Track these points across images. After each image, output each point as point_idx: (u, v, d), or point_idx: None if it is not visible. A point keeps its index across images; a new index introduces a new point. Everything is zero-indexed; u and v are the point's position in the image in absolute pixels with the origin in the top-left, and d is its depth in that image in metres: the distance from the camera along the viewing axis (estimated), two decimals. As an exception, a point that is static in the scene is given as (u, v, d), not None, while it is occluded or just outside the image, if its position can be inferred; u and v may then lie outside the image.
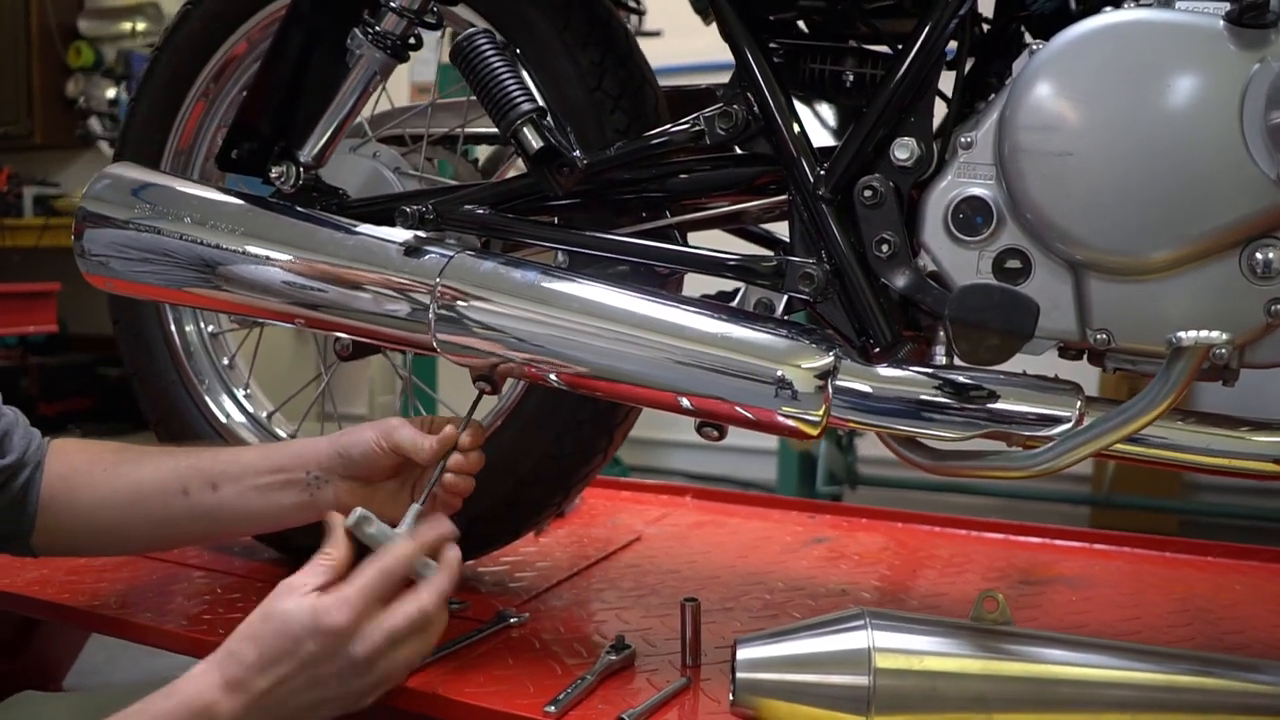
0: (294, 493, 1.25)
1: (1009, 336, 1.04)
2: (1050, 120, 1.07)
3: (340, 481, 1.25)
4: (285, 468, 1.25)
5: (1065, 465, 1.08)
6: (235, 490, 1.26)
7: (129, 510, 1.28)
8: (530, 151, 1.21)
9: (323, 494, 1.25)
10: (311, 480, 1.24)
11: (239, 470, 1.26)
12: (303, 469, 1.25)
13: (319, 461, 1.25)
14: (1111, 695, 1.00)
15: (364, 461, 1.23)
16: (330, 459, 1.24)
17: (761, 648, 1.02)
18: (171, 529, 1.30)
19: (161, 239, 1.31)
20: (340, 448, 1.24)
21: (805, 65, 1.26)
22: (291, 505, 1.25)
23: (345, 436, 1.25)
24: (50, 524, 1.30)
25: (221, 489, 1.26)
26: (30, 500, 1.28)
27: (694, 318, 1.15)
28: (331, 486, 1.24)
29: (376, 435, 1.23)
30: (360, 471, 1.24)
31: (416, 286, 1.21)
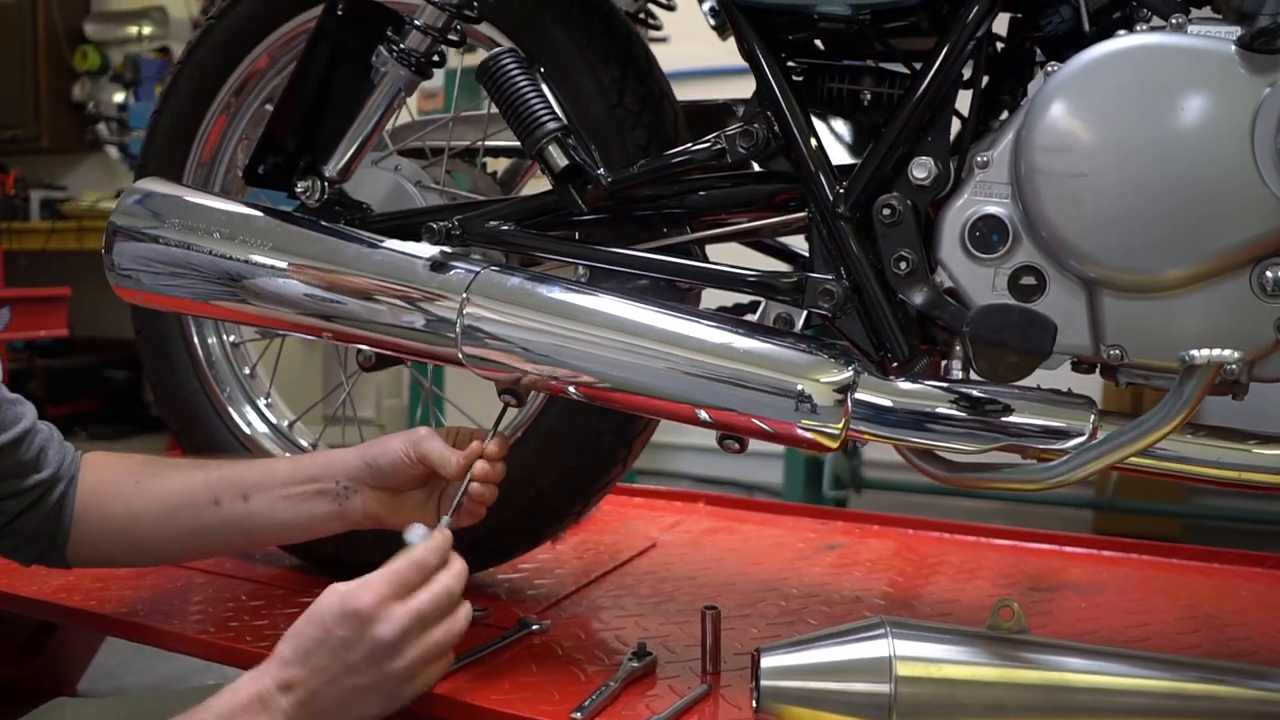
0: (324, 502, 1.28)
1: (1027, 355, 1.07)
2: (1066, 141, 1.10)
3: (369, 491, 1.27)
4: (316, 478, 1.28)
5: (1079, 478, 1.11)
6: (266, 501, 1.28)
7: (161, 522, 1.31)
8: (555, 169, 1.24)
9: (351, 503, 1.27)
10: (341, 490, 1.27)
11: (271, 481, 1.29)
12: (332, 479, 1.27)
13: (348, 472, 1.27)
14: (1125, 702, 1.02)
15: (392, 472, 1.26)
16: (359, 469, 1.27)
17: (784, 656, 1.04)
18: (202, 539, 1.33)
19: (191, 253, 1.34)
20: (369, 458, 1.26)
21: (823, 84, 1.28)
22: (322, 515, 1.28)
23: (373, 447, 1.27)
24: (83, 536, 1.32)
25: (253, 499, 1.28)
26: (65, 514, 1.31)
27: (716, 332, 1.18)
28: (360, 496, 1.27)
29: (404, 446, 1.25)
30: (388, 481, 1.27)
31: (443, 301, 1.24)
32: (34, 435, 1.30)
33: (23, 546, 1.31)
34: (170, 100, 1.70)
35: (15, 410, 1.28)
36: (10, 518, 1.28)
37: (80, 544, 1.33)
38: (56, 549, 1.32)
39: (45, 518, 1.30)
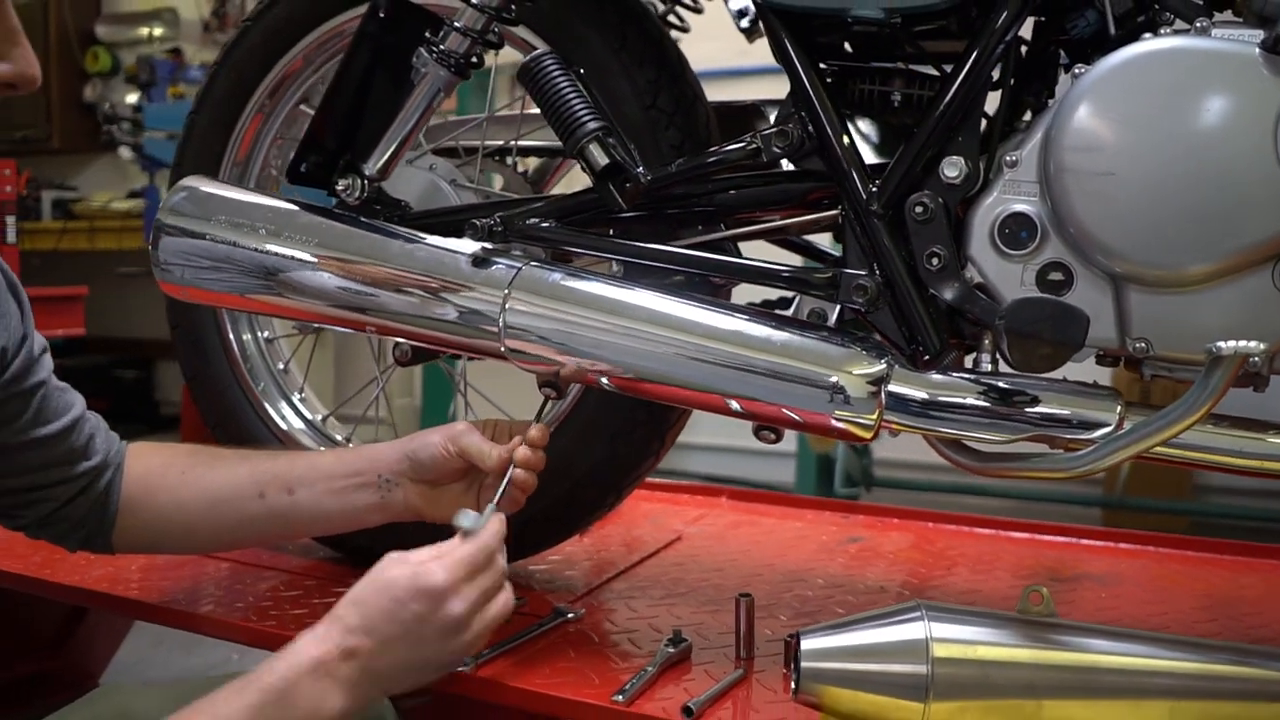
0: (367, 495, 1.31)
1: (1060, 346, 1.10)
2: (1093, 141, 1.13)
3: (410, 484, 1.31)
4: (359, 472, 1.31)
5: (1107, 467, 1.14)
6: (311, 494, 1.32)
7: (207, 513, 1.35)
8: (596, 168, 1.27)
9: (393, 496, 1.31)
10: (383, 483, 1.31)
11: (315, 475, 1.32)
12: (375, 473, 1.31)
13: (390, 465, 1.31)
14: (1154, 683, 1.06)
15: (431, 465, 1.29)
16: (400, 463, 1.30)
17: (824, 638, 1.08)
18: (246, 530, 1.36)
19: (237, 249, 1.37)
20: (409, 452, 1.30)
21: (854, 86, 1.31)
22: (364, 507, 1.32)
23: (413, 441, 1.31)
24: (129, 524, 1.36)
25: (298, 493, 1.32)
26: (111, 501, 1.34)
27: (754, 326, 1.21)
28: (402, 489, 1.31)
29: (443, 440, 1.29)
30: (428, 475, 1.30)
31: (487, 296, 1.28)
32: (83, 423, 1.33)
33: (70, 533, 1.35)
34: (207, 101, 1.74)
35: (65, 398, 1.32)
36: (59, 504, 1.31)
37: (126, 531, 1.36)
38: (103, 535, 1.36)
39: (93, 505, 1.33)
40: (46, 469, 1.29)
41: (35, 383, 1.26)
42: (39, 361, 1.29)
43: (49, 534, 1.35)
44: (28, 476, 1.28)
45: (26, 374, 1.25)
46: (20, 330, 1.26)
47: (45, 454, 1.28)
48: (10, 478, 1.27)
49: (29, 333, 1.28)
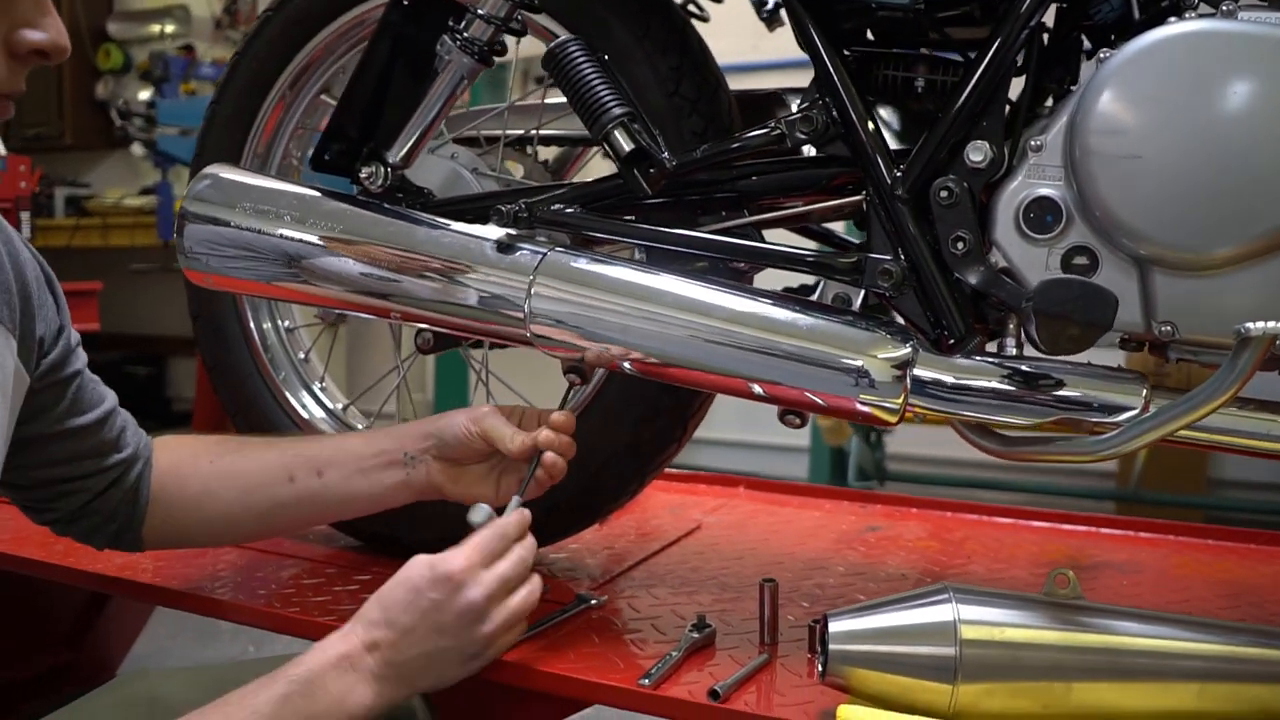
0: (392, 472, 1.32)
1: (1089, 328, 1.10)
2: (1120, 125, 1.13)
3: (432, 461, 1.32)
4: (385, 450, 1.33)
5: (1133, 450, 1.15)
6: (341, 475, 1.33)
7: (236, 500, 1.35)
8: (621, 153, 1.28)
9: (417, 473, 1.32)
10: (408, 460, 1.32)
11: (344, 456, 1.33)
12: (400, 449, 1.32)
13: (414, 441, 1.32)
14: (1182, 665, 1.06)
15: (455, 444, 1.30)
16: (424, 439, 1.32)
17: (852, 621, 1.08)
18: (277, 516, 1.37)
19: (262, 236, 1.38)
20: (434, 429, 1.31)
21: (878, 72, 1.32)
22: (390, 484, 1.33)
23: (439, 420, 1.32)
24: (159, 516, 1.37)
25: (327, 475, 1.33)
26: (142, 493, 1.35)
27: (778, 310, 1.22)
28: (425, 466, 1.32)
29: (466, 420, 1.30)
30: (451, 453, 1.31)
31: (512, 281, 1.28)
32: (116, 416, 1.34)
33: (101, 527, 1.35)
34: (228, 90, 1.74)
35: (99, 391, 1.33)
36: (91, 496, 1.32)
37: (156, 524, 1.37)
38: (133, 529, 1.36)
39: (124, 497, 1.34)
40: (80, 460, 1.30)
41: (71, 373, 1.27)
42: (74, 353, 1.30)
43: (79, 529, 1.36)
44: (62, 467, 1.29)
45: (63, 364, 1.26)
46: (57, 321, 1.27)
47: (79, 445, 1.29)
48: (44, 468, 1.28)
49: (65, 324, 1.29)
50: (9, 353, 1.13)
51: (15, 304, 1.16)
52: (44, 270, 1.27)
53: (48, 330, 1.23)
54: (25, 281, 1.19)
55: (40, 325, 1.21)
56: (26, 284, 1.19)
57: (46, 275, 1.27)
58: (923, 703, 1.05)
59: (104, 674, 2.51)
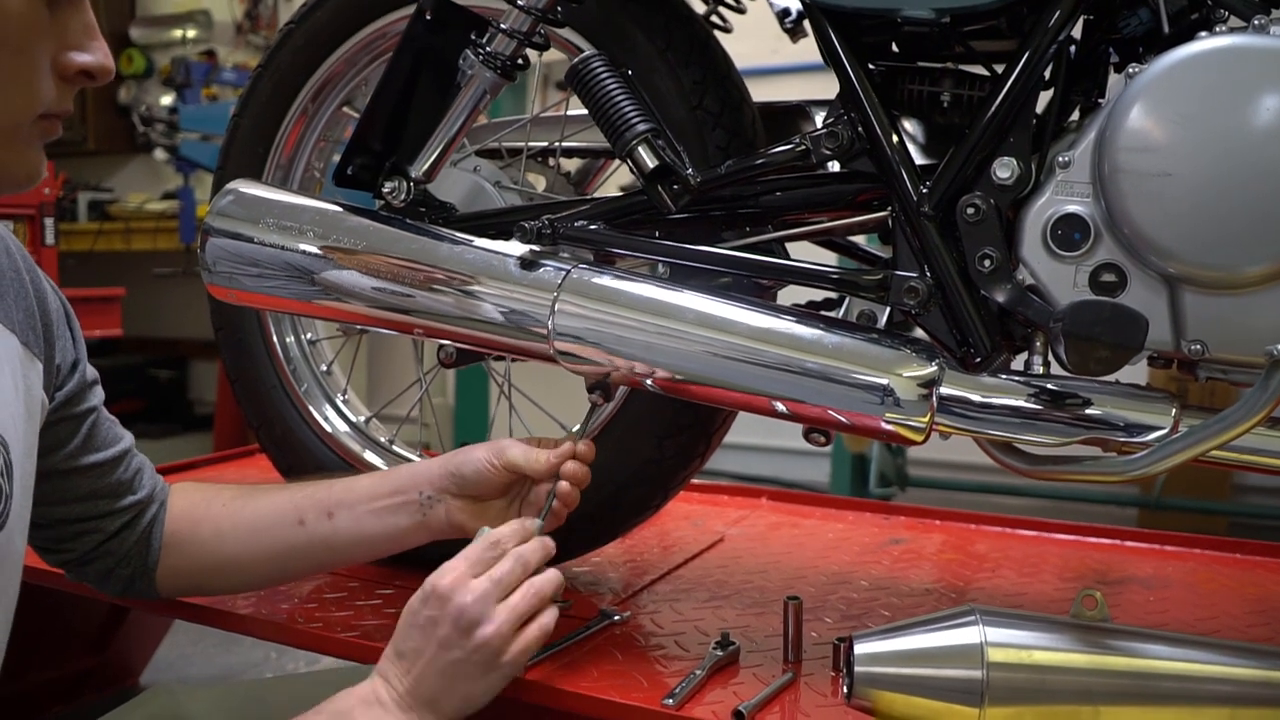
0: (408, 514, 1.31)
1: (1119, 350, 1.09)
2: (1150, 141, 1.12)
3: (452, 500, 1.29)
4: (399, 490, 1.31)
5: (1162, 471, 1.13)
6: (351, 516, 1.31)
7: (248, 543, 1.34)
8: (645, 170, 1.27)
9: (435, 513, 1.30)
10: (425, 500, 1.30)
11: (354, 498, 1.32)
12: (416, 490, 1.30)
13: (431, 481, 1.30)
14: (1213, 690, 1.05)
15: (476, 480, 1.28)
16: (442, 478, 1.29)
17: (877, 643, 1.07)
18: (290, 559, 1.35)
19: (285, 252, 1.38)
20: (453, 467, 1.29)
21: (903, 86, 1.31)
22: (406, 526, 1.31)
23: (457, 456, 1.30)
24: (173, 561, 1.36)
25: (337, 516, 1.31)
26: (155, 537, 1.35)
27: (803, 328, 1.21)
28: (444, 505, 1.30)
29: (488, 454, 1.28)
30: (471, 490, 1.29)
31: (536, 299, 1.28)
32: (132, 457, 1.34)
33: (114, 569, 1.35)
34: (250, 103, 1.74)
35: (115, 431, 1.33)
36: (106, 537, 1.32)
37: (170, 569, 1.36)
38: (147, 574, 1.36)
39: (138, 539, 1.34)
40: (95, 499, 1.30)
41: (86, 409, 1.27)
42: (91, 389, 1.30)
43: (93, 571, 1.36)
44: (76, 506, 1.29)
45: (78, 398, 1.26)
46: (73, 354, 1.27)
47: (93, 483, 1.29)
48: (59, 506, 1.28)
49: (81, 358, 1.29)
50: (36, 376, 1.14)
51: (39, 331, 1.17)
52: (64, 306, 1.27)
53: (64, 361, 1.24)
54: (47, 311, 1.20)
55: (59, 355, 1.22)
56: (49, 313, 1.20)
57: (66, 310, 1.28)
58: (950, 726, 1.04)
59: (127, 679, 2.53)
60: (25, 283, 1.17)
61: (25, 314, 1.15)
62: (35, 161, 1.03)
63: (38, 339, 1.16)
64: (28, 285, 1.17)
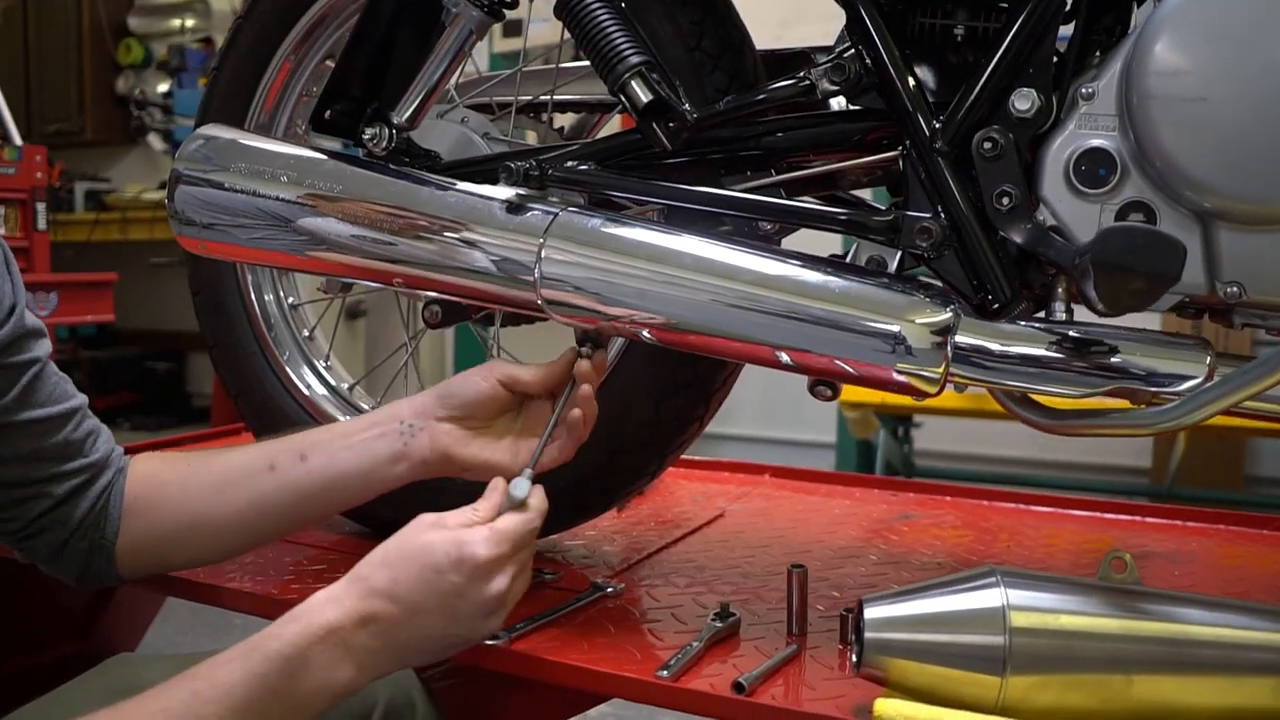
0: (387, 443, 1.21)
1: (1155, 279, 1.00)
2: (1182, 65, 1.03)
3: (436, 425, 1.20)
4: (378, 422, 1.22)
5: (1195, 422, 1.05)
6: (325, 455, 1.22)
7: (216, 498, 1.24)
8: (639, 105, 1.19)
9: (417, 441, 1.20)
10: (405, 428, 1.20)
11: (329, 437, 1.23)
12: (396, 419, 1.21)
13: (413, 408, 1.21)
14: (1255, 658, 0.96)
15: (469, 400, 1.20)
16: (426, 403, 1.21)
17: (889, 606, 0.99)
18: (261, 513, 1.24)
19: (258, 199, 1.30)
20: (444, 391, 1.21)
21: (914, 20, 1.22)
22: (385, 456, 1.21)
23: (450, 383, 1.22)
24: (135, 530, 1.26)
25: (311, 458, 1.22)
26: (113, 506, 1.26)
27: (808, 273, 1.12)
28: (426, 432, 1.20)
29: (485, 373, 1.20)
30: (461, 409, 1.20)
31: (521, 244, 1.19)
32: (84, 418, 1.25)
33: (68, 542, 1.25)
34: (230, 56, 1.67)
35: (64, 388, 1.25)
36: (54, 502, 1.23)
37: (131, 540, 1.26)
38: (105, 549, 1.26)
39: (93, 507, 1.24)
40: (38, 460, 1.21)
41: (26, 359, 1.19)
42: (34, 339, 1.21)
43: (44, 546, 1.25)
44: (16, 466, 1.20)
45: (15, 347, 1.18)
46: (10, 299, 1.18)
47: (36, 442, 1.20)
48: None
49: (19, 304, 1.20)
50: None
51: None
52: (4, 251, 1.20)
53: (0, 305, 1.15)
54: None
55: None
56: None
57: (5, 255, 1.20)
58: (968, 696, 0.95)
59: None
60: None
61: None
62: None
63: None
64: None
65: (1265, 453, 4.48)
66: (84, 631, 2.29)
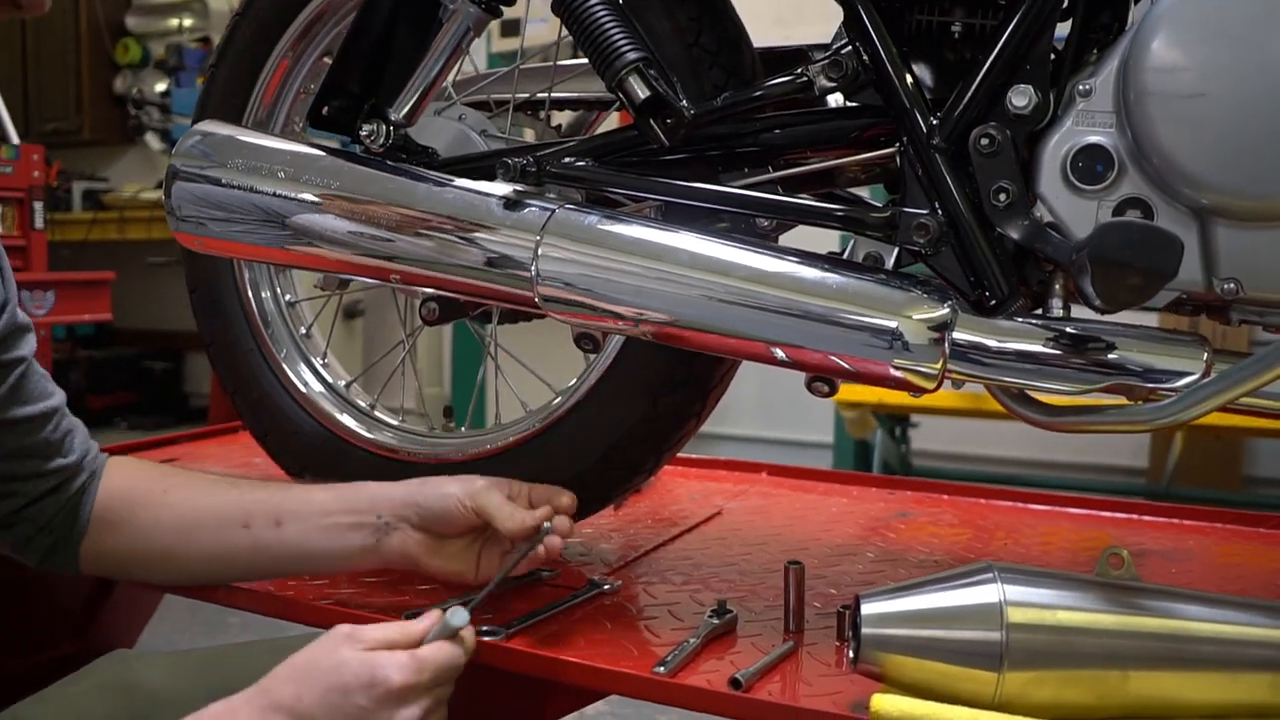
0: (360, 536, 1.21)
1: (1152, 275, 1.00)
2: (1179, 61, 1.04)
3: (409, 531, 1.21)
4: (356, 510, 1.22)
5: (1192, 418, 1.05)
6: (300, 529, 1.22)
7: (185, 536, 1.25)
8: (636, 101, 1.19)
9: (389, 540, 1.21)
10: (381, 525, 1.21)
11: (307, 509, 1.23)
12: (374, 512, 1.21)
13: (392, 507, 1.21)
14: (1252, 654, 0.96)
15: (441, 516, 1.20)
16: (404, 506, 1.21)
17: (886, 602, 0.99)
18: (226, 562, 1.26)
19: (255, 195, 1.30)
20: (418, 499, 1.20)
21: (911, 17, 1.22)
22: (356, 549, 1.22)
23: (425, 487, 1.22)
24: (101, 540, 1.27)
25: (286, 526, 1.22)
26: (84, 508, 1.26)
27: (805, 269, 1.13)
28: (400, 534, 1.21)
29: (461, 493, 1.19)
30: (433, 525, 1.21)
31: (518, 240, 1.19)
32: (62, 416, 1.26)
33: (34, 537, 1.26)
34: (228, 53, 1.66)
35: (45, 385, 1.25)
36: (27, 500, 1.23)
37: (95, 547, 1.27)
38: (70, 547, 1.26)
39: (63, 508, 1.25)
40: (20, 458, 1.21)
41: (14, 357, 1.19)
42: (21, 336, 1.21)
43: (12, 537, 1.26)
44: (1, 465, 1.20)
45: (6, 344, 1.18)
46: (3, 296, 1.18)
47: (19, 439, 1.20)
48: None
49: (10, 300, 1.20)
50: None
51: None
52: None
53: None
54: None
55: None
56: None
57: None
58: (965, 692, 0.95)
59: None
60: None
61: None
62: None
63: None
64: None
65: (1262, 453, 4.48)
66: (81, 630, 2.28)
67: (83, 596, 2.21)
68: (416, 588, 1.34)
